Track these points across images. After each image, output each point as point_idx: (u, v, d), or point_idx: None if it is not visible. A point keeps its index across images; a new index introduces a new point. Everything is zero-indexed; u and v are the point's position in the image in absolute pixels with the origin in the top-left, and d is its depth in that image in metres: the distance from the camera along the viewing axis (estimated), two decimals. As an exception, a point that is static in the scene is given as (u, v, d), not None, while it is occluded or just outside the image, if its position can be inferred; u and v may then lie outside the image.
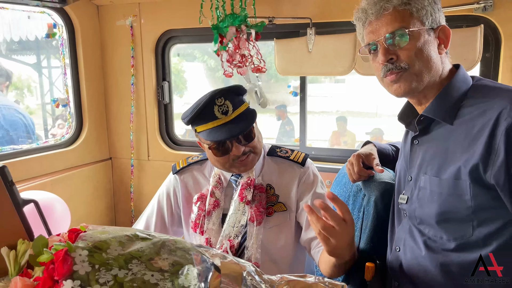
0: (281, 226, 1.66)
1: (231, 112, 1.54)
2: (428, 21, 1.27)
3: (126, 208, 3.31)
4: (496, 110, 1.17)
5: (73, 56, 2.94)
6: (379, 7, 1.28)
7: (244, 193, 1.63)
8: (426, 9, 1.26)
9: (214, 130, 1.53)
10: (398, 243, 1.46)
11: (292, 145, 3.09)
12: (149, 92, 3.07)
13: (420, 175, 1.35)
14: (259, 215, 1.61)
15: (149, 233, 0.95)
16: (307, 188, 1.70)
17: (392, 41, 1.27)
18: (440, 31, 1.30)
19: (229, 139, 1.54)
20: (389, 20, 1.27)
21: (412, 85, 1.29)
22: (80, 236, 0.86)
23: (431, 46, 1.28)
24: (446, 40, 1.31)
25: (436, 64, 1.30)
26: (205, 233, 1.65)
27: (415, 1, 1.26)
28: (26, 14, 2.77)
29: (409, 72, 1.28)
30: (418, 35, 1.26)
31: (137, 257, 0.85)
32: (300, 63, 2.56)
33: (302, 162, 1.72)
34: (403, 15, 1.26)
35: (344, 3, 2.43)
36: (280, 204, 1.67)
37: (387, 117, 7.72)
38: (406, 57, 1.27)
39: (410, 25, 1.26)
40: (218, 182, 1.70)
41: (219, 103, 1.53)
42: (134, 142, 3.15)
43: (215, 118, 1.52)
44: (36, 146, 2.76)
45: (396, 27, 1.26)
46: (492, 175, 1.16)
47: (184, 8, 2.80)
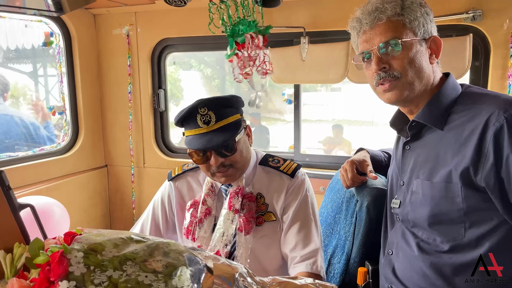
0: (271, 236, 1.65)
1: (213, 123, 1.53)
2: (420, 32, 1.31)
3: (121, 216, 3.31)
4: (484, 115, 1.21)
5: (69, 64, 2.96)
6: (373, 17, 1.32)
7: (233, 202, 1.62)
8: (419, 20, 1.30)
9: (195, 137, 1.54)
10: (390, 246, 1.48)
11: (286, 152, 3.12)
12: (145, 100, 3.09)
13: (412, 180, 1.38)
14: (248, 224, 1.60)
15: (143, 236, 0.96)
16: (291, 202, 1.66)
17: (385, 50, 1.31)
18: (432, 41, 1.34)
19: (204, 150, 1.54)
20: (383, 30, 1.31)
21: (404, 93, 1.33)
22: (76, 239, 0.87)
23: (423, 56, 1.32)
24: (437, 51, 1.35)
25: (427, 73, 1.34)
26: (197, 240, 1.65)
27: (408, 12, 1.29)
28: (23, 23, 2.79)
29: (401, 81, 1.31)
30: (410, 45, 1.30)
31: (131, 259, 0.86)
32: (294, 71, 2.59)
33: (292, 174, 1.68)
34: (396, 26, 1.30)
35: (337, 13, 2.47)
36: (270, 214, 1.65)
37: (383, 126, 7.76)
38: (399, 66, 1.30)
39: (403, 36, 1.30)
40: (210, 190, 1.70)
41: (202, 113, 1.52)
42: (130, 149, 3.17)
43: (197, 126, 1.53)
44: (32, 153, 2.77)
45: (389, 37, 1.30)
46: (482, 178, 1.20)
47: (180, 17, 2.83)
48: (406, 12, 1.29)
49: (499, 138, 1.17)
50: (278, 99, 7.20)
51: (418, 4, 1.31)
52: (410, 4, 1.30)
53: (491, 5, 2.19)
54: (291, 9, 2.56)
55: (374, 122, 8.81)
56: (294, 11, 2.57)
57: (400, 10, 1.29)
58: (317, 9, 2.53)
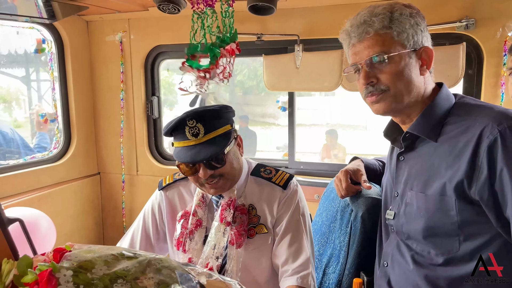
0: (263, 248, 1.63)
1: (202, 135, 1.49)
2: (409, 44, 1.29)
3: (114, 223, 3.28)
4: (478, 127, 1.20)
5: (62, 71, 2.94)
6: (361, 31, 1.31)
7: (224, 214, 1.60)
8: (407, 32, 1.28)
9: (183, 149, 1.51)
10: (385, 258, 1.46)
11: (280, 160, 3.11)
12: (138, 107, 3.07)
13: (406, 191, 1.37)
14: (239, 237, 1.58)
15: (135, 252, 0.94)
16: (283, 214, 1.65)
17: (373, 64, 1.30)
18: (423, 52, 1.31)
19: (191, 163, 1.51)
20: (371, 43, 1.30)
21: (391, 105, 1.32)
22: (65, 256, 0.85)
23: (412, 68, 1.30)
24: (428, 61, 1.32)
25: (417, 85, 1.32)
26: (188, 252, 1.63)
27: (396, 24, 1.27)
28: (15, 30, 2.76)
29: (389, 93, 1.30)
30: (398, 59, 1.28)
31: (122, 277, 0.84)
32: (288, 79, 2.59)
33: (284, 185, 1.66)
34: (384, 39, 1.28)
35: (331, 21, 2.48)
36: (262, 226, 1.63)
37: (376, 131, 7.78)
38: (386, 80, 1.29)
39: (391, 49, 1.28)
40: (201, 201, 1.67)
41: (190, 125, 1.49)
42: (124, 157, 3.14)
43: (185, 139, 1.50)
44: (23, 161, 2.74)
45: (376, 51, 1.28)
46: (476, 191, 1.19)
47: (173, 24, 2.82)
48: (394, 24, 1.27)
49: (493, 152, 1.16)
50: (272, 105, 7.21)
51: (407, 15, 1.28)
52: (399, 16, 1.27)
53: (484, 14, 2.20)
54: (285, 17, 2.56)
55: (368, 127, 8.85)
56: (288, 19, 2.57)
57: (388, 23, 1.27)
58: (311, 17, 2.53)
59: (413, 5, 1.32)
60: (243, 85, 8.55)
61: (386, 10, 1.28)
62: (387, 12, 1.27)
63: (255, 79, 7.91)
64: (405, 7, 1.29)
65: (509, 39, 2.16)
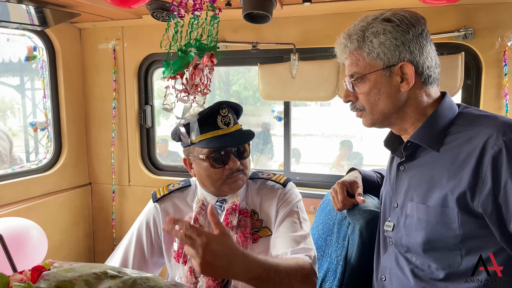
0: (267, 252, 1.62)
1: (232, 125, 1.56)
2: (382, 62, 1.27)
3: (105, 235, 3.20)
4: (482, 138, 1.17)
5: (53, 79, 2.88)
6: (341, 51, 1.36)
7: (230, 218, 1.58)
8: (377, 51, 1.26)
9: (214, 138, 1.53)
10: (383, 272, 1.42)
11: (276, 171, 3.05)
12: (131, 116, 3.02)
13: (407, 202, 1.34)
14: (245, 240, 1.57)
15: (120, 270, 0.89)
16: (282, 207, 1.65)
17: (350, 84, 1.34)
18: (402, 68, 1.26)
19: (232, 147, 1.55)
20: (349, 63, 1.35)
21: (372, 122, 1.37)
22: (43, 275, 0.79)
23: (388, 86, 1.29)
24: (410, 76, 1.26)
25: (396, 102, 1.30)
26: (189, 261, 1.59)
27: (366, 44, 1.28)
28: (5, 37, 2.71)
29: (366, 112, 1.35)
30: (371, 79, 1.29)
31: (104, 298, 0.78)
32: (283, 88, 2.55)
33: (284, 183, 1.70)
34: (358, 59, 1.31)
35: (328, 30, 2.45)
36: (265, 229, 1.63)
37: (372, 141, 7.78)
38: (361, 100, 1.34)
39: (363, 70, 1.30)
40: (201, 208, 1.65)
41: (223, 114, 1.55)
42: (115, 167, 3.08)
43: (216, 128, 1.53)
44: (11, 171, 2.67)
45: (351, 71, 1.33)
46: (479, 203, 1.15)
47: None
48: (364, 44, 1.28)
49: (497, 163, 1.12)
50: (267, 115, 7.19)
51: (380, 32, 1.25)
52: (370, 35, 1.27)
53: (482, 24, 2.18)
54: (281, 25, 2.53)
55: (363, 138, 8.86)
56: (284, 28, 2.54)
57: (360, 43, 1.29)
58: (307, 26, 2.51)
59: (399, 16, 1.26)
60: (238, 95, 8.56)
61: (360, 30, 1.30)
62: (359, 32, 1.29)
63: (250, 89, 7.92)
64: (384, 22, 1.26)
65: (508, 49, 2.13)
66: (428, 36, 1.30)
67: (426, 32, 1.29)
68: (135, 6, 1.78)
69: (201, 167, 1.58)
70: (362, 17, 1.33)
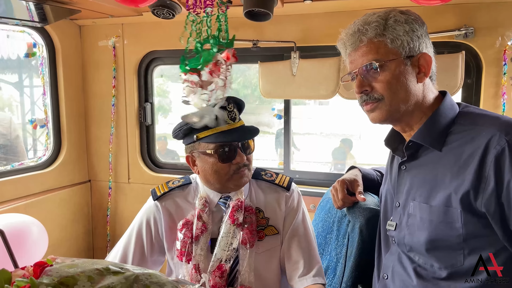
0: (272, 250, 1.63)
1: (237, 120, 1.57)
2: (404, 51, 1.26)
3: (104, 233, 3.19)
4: (484, 137, 1.17)
5: (53, 76, 2.87)
6: (355, 39, 1.30)
7: (236, 215, 1.58)
8: (402, 39, 1.25)
9: (222, 133, 1.53)
10: (386, 270, 1.42)
11: (276, 169, 3.05)
12: (131, 113, 3.01)
13: (409, 201, 1.34)
14: (252, 237, 1.57)
15: (122, 266, 0.88)
16: (291, 215, 1.67)
17: (367, 72, 1.28)
18: (420, 59, 1.28)
19: (240, 141, 1.55)
20: (365, 52, 1.29)
21: (387, 114, 1.31)
22: (45, 271, 0.79)
23: (408, 75, 1.27)
24: (427, 68, 1.28)
25: (414, 93, 1.29)
26: (193, 259, 1.58)
27: (390, 32, 1.25)
28: (5, 33, 2.70)
29: (384, 102, 1.29)
30: (392, 67, 1.26)
31: (107, 294, 0.78)
32: (284, 86, 2.55)
33: (287, 187, 1.70)
34: (378, 47, 1.27)
35: (328, 28, 2.45)
36: (271, 227, 1.64)
37: (370, 140, 7.79)
38: (380, 88, 1.28)
39: (385, 57, 1.26)
40: (204, 205, 1.63)
41: (230, 109, 1.55)
42: (114, 164, 3.08)
43: (223, 123, 1.53)
44: (11, 168, 2.66)
45: (370, 59, 1.27)
46: (483, 203, 1.15)
47: (167, 30, 2.78)
48: (387, 32, 1.25)
49: (500, 162, 1.12)
50: (267, 113, 7.19)
51: (402, 22, 1.25)
52: (393, 23, 1.25)
53: (483, 23, 2.18)
54: (282, 23, 2.53)
55: (362, 137, 8.86)
56: (285, 26, 2.54)
57: (382, 30, 1.26)
58: (308, 24, 2.50)
59: (411, 11, 1.29)
60: (238, 93, 8.56)
61: (380, 18, 1.27)
62: (381, 20, 1.26)
63: (249, 87, 7.92)
64: (401, 14, 1.27)
65: (508, 48, 2.13)
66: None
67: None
68: (142, 5, 1.77)
69: (207, 163, 1.57)
70: (367, 13, 1.32)
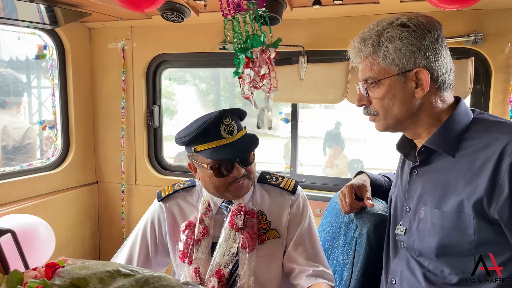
0: (273, 254, 1.62)
1: (235, 133, 1.54)
2: (398, 67, 1.26)
3: (110, 234, 3.21)
4: (499, 144, 1.17)
5: (62, 78, 2.90)
6: (355, 54, 1.35)
7: (235, 220, 1.58)
8: (393, 57, 1.25)
9: (218, 149, 1.51)
10: (394, 275, 1.42)
11: (282, 173, 3.05)
12: (139, 115, 3.03)
13: (420, 206, 1.33)
14: (252, 241, 1.57)
15: (132, 269, 0.89)
16: (296, 219, 1.67)
17: (366, 87, 1.33)
18: (417, 74, 1.26)
19: (235, 159, 1.53)
20: (363, 68, 1.33)
21: (385, 127, 1.36)
22: (57, 272, 0.80)
23: (403, 92, 1.28)
24: (424, 82, 1.26)
25: (410, 108, 1.29)
26: (194, 262, 1.58)
27: (381, 49, 1.26)
28: (16, 35, 2.73)
29: (379, 117, 1.34)
30: (386, 84, 1.28)
31: (117, 296, 0.79)
32: (292, 90, 2.55)
33: (293, 190, 1.69)
34: (372, 64, 1.30)
35: (336, 33, 2.45)
36: (273, 231, 1.63)
37: (376, 144, 7.77)
38: (375, 105, 1.33)
39: (377, 74, 1.29)
40: (207, 209, 1.65)
41: (226, 123, 1.53)
42: (121, 166, 3.09)
43: (220, 138, 1.51)
44: (19, 168, 2.68)
45: (365, 76, 1.32)
46: (496, 210, 1.15)
47: (177, 33, 2.80)
48: (379, 50, 1.27)
49: None
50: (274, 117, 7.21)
51: (396, 38, 1.24)
52: (385, 40, 1.25)
53: (492, 29, 2.18)
54: (290, 28, 2.53)
55: (368, 140, 8.84)
56: (293, 30, 2.54)
57: (375, 48, 1.28)
58: (316, 28, 2.51)
59: (416, 19, 1.26)
60: (243, 96, 8.63)
61: (375, 35, 1.28)
62: (374, 37, 1.28)
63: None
64: (400, 27, 1.25)
65: (517, 55, 2.13)
66: (444, 42, 1.29)
67: (442, 38, 1.28)
68: (147, 10, 1.79)
69: (205, 174, 1.58)
70: (376, 20, 1.31)
